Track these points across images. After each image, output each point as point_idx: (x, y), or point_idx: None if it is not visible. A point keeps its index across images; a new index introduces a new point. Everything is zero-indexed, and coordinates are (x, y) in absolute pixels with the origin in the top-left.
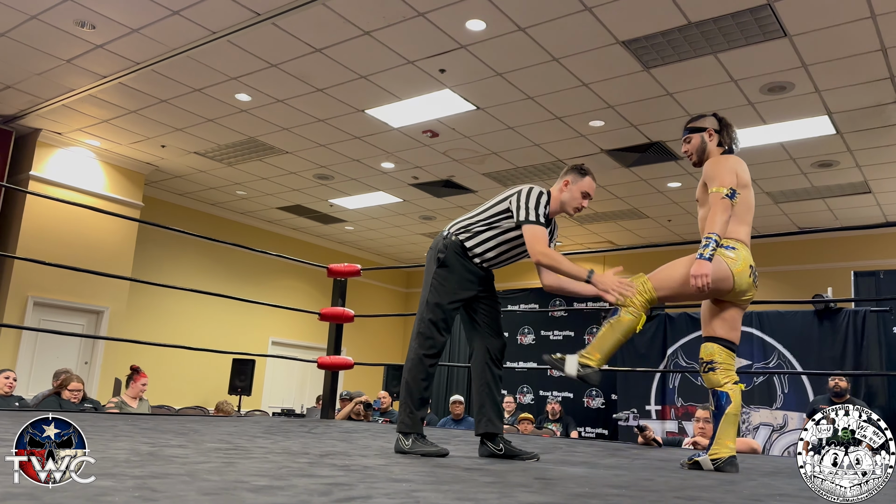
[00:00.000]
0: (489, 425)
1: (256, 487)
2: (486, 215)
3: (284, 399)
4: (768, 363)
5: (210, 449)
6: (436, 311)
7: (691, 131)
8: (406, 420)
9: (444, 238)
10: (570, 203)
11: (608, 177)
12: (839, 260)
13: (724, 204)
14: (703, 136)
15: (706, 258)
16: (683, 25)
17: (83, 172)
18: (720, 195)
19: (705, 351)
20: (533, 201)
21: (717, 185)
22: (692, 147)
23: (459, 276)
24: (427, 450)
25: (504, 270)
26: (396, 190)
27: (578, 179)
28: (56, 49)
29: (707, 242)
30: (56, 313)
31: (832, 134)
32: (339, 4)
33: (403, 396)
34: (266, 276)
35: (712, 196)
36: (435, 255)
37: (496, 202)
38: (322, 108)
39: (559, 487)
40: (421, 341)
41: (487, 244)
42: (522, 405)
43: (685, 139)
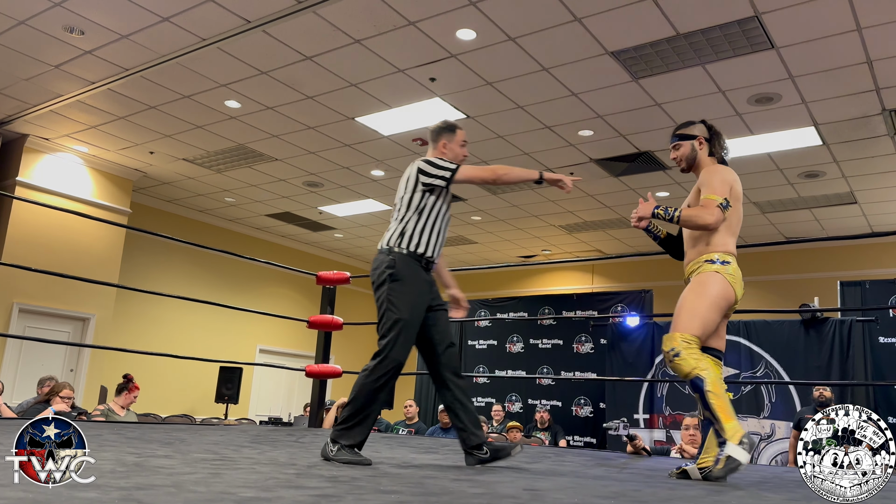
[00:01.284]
0: (473, 438)
1: (243, 499)
2: (411, 207)
3: (272, 407)
4: (755, 372)
5: (196, 459)
6: (397, 327)
7: (681, 138)
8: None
9: (387, 254)
10: (457, 159)
11: (597, 186)
12: (825, 270)
13: (713, 211)
14: (693, 144)
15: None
16: (672, 37)
17: (71, 178)
18: (715, 202)
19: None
20: (440, 161)
21: (711, 193)
22: (681, 154)
23: (413, 286)
24: (351, 459)
25: (493, 278)
26: (386, 198)
27: (452, 136)
28: (44, 54)
29: (667, 210)
30: (42, 320)
31: (819, 145)
32: (329, 13)
33: (352, 410)
34: (254, 283)
35: (706, 201)
36: (382, 273)
37: (408, 191)
38: (312, 115)
39: (548, 498)
40: (381, 361)
41: (426, 233)
42: (511, 413)
43: (674, 146)
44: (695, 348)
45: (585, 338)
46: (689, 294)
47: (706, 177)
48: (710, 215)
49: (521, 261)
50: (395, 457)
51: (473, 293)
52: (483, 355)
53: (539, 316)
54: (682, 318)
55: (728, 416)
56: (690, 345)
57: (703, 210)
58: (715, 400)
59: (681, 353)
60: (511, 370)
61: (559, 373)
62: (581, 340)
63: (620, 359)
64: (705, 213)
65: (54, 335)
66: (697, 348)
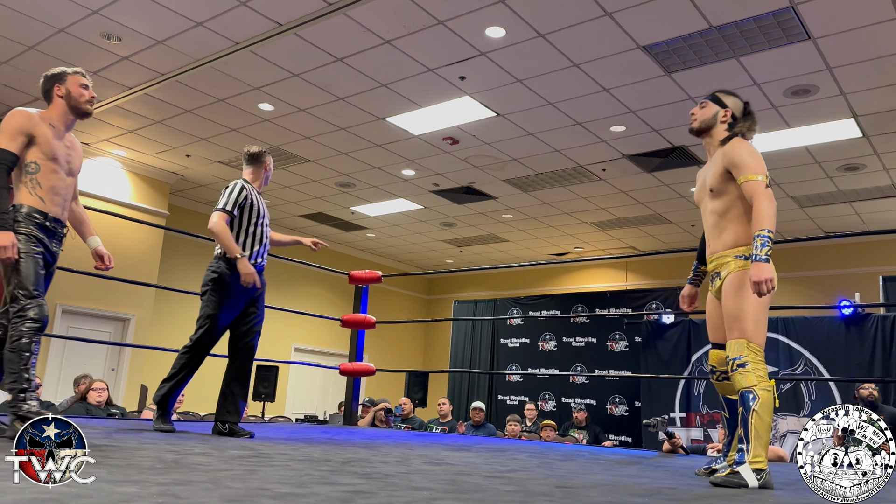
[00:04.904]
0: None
1: (278, 495)
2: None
3: (307, 405)
4: (795, 370)
5: (233, 456)
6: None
7: (713, 99)
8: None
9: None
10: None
11: (630, 182)
12: (867, 265)
13: (768, 193)
14: (718, 111)
15: (763, 259)
16: (705, 29)
17: (110, 182)
18: (763, 184)
19: (718, 357)
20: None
21: (751, 173)
22: (702, 115)
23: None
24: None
25: (525, 276)
26: (417, 197)
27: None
28: (83, 61)
29: (763, 241)
30: (84, 321)
31: (858, 137)
32: (359, 14)
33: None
34: (289, 283)
35: (752, 185)
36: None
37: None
38: (343, 116)
39: (581, 496)
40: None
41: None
42: (544, 412)
43: (701, 104)
44: (761, 360)
45: (619, 336)
46: (743, 299)
47: (736, 155)
48: (770, 203)
49: (554, 258)
50: (428, 454)
51: (505, 291)
52: (516, 353)
53: (572, 314)
54: (747, 324)
55: (761, 446)
56: (758, 356)
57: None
58: (758, 423)
59: (748, 364)
60: (544, 368)
61: (593, 371)
62: (615, 338)
63: (656, 357)
64: (763, 205)
65: (96, 335)
66: (763, 361)
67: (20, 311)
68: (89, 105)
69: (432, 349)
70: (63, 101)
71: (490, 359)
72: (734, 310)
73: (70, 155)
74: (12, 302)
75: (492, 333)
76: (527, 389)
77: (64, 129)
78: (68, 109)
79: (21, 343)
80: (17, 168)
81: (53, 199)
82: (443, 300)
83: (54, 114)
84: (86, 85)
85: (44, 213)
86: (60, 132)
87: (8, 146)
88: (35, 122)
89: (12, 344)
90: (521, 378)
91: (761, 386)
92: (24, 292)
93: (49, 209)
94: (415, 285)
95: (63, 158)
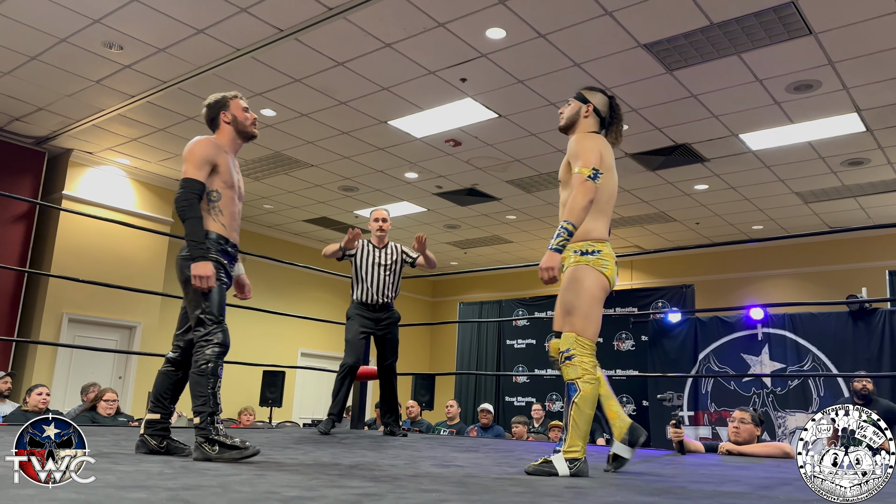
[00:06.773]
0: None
1: (287, 498)
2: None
3: (315, 410)
4: (802, 366)
5: (242, 461)
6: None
7: (578, 97)
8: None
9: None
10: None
11: (633, 180)
12: (873, 259)
13: (586, 187)
14: (581, 107)
15: (556, 249)
16: (706, 26)
17: (114, 190)
18: (583, 177)
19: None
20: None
21: (580, 165)
22: (566, 112)
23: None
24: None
25: (530, 277)
26: (421, 200)
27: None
28: (85, 70)
29: (559, 232)
30: (90, 329)
31: (862, 131)
32: (360, 18)
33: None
34: (294, 288)
35: (574, 177)
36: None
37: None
38: (345, 120)
39: (591, 496)
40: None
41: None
42: (552, 413)
43: (568, 101)
44: (589, 354)
45: (626, 335)
46: (575, 293)
47: (574, 146)
48: (583, 197)
49: None
50: (436, 456)
51: (511, 292)
52: (521, 354)
53: None
54: (577, 319)
55: (579, 436)
56: (585, 349)
57: (574, 196)
58: (577, 415)
59: (574, 357)
60: (550, 369)
61: None
62: (621, 338)
63: (662, 355)
64: (577, 198)
65: (102, 344)
66: (593, 355)
67: (206, 335)
68: (254, 127)
69: (438, 352)
70: (230, 126)
71: (496, 360)
72: (567, 304)
73: (240, 180)
74: (197, 326)
75: (497, 335)
76: (534, 390)
77: (234, 154)
78: (236, 134)
79: (208, 367)
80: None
81: (233, 224)
82: (448, 302)
83: (224, 140)
84: (246, 108)
85: (226, 238)
86: (233, 158)
87: (196, 175)
88: (218, 151)
89: (199, 368)
90: (528, 379)
91: (584, 379)
92: (211, 317)
93: (230, 235)
94: (420, 288)
95: (237, 185)
